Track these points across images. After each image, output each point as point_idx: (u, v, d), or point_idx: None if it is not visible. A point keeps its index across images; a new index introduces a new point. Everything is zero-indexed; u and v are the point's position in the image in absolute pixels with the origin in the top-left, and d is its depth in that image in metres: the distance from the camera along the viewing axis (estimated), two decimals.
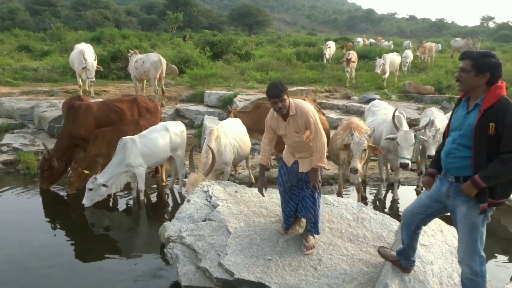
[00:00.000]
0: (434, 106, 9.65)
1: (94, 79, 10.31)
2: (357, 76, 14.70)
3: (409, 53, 16.45)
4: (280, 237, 3.83)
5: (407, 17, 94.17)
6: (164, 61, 10.37)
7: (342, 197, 5.43)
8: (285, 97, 3.45)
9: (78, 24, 36.42)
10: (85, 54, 10.15)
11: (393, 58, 14.07)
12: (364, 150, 4.82)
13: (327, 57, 17.93)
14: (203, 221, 4.04)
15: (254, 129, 6.68)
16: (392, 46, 26.63)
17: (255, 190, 4.62)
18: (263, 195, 3.95)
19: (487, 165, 2.64)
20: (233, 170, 7.24)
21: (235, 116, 6.97)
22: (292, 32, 46.23)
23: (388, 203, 6.33)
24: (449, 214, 3.03)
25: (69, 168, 6.20)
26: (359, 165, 4.77)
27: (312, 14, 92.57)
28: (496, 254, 4.74)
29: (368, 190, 6.81)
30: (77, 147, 6.75)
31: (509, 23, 60.32)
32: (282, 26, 71.45)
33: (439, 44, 25.05)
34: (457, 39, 23.16)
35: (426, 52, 19.11)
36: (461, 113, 2.85)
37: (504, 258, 4.71)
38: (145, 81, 11.01)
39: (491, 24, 70.51)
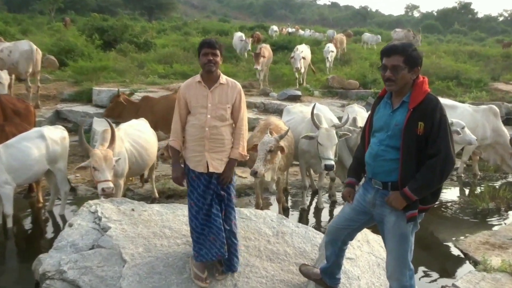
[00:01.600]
0: (358, 102, 10.30)
1: None
2: (275, 69, 15.13)
3: (331, 47, 16.59)
4: (187, 262, 3.76)
5: (330, 4, 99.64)
6: (38, 51, 9.77)
7: (261, 209, 5.53)
8: (219, 53, 3.47)
9: None
10: None
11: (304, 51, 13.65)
12: (270, 151, 4.82)
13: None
14: (90, 249, 3.83)
15: None
16: (317, 35, 27.83)
17: (156, 207, 4.52)
18: (182, 185, 3.72)
19: (415, 168, 2.81)
20: (130, 182, 7.01)
21: (125, 102, 6.83)
22: (201, 18, 46.19)
23: (312, 214, 6.58)
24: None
25: None
26: (261, 168, 4.74)
27: None
28: (423, 263, 5.14)
29: (290, 199, 7.03)
30: None
31: (434, 12, 66.93)
32: (189, 10, 71.17)
33: (379, 36, 26.27)
34: (397, 30, 24.73)
35: (338, 45, 18.84)
36: (384, 112, 2.99)
37: (432, 267, 5.13)
38: (13, 76, 10.20)
39: (416, 14, 77.68)
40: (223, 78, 3.58)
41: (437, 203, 6.77)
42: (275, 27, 28.43)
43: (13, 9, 40.71)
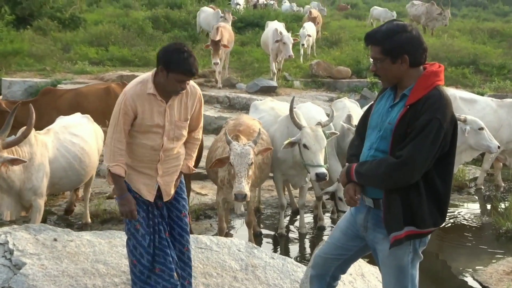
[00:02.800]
0: (350, 95, 10.43)
1: None
2: (243, 53, 15.14)
3: (308, 28, 15.36)
4: None
5: None
6: None
7: (226, 235, 5.54)
8: None
9: None
10: None
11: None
12: (251, 164, 4.89)
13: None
14: None
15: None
16: (296, 8, 27.82)
17: (87, 236, 4.47)
18: (135, 218, 3.55)
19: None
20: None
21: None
22: None
23: (291, 241, 6.62)
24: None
25: None
26: (246, 188, 4.81)
27: None
28: None
29: (263, 222, 7.07)
30: None
31: None
32: None
33: (394, 12, 24.25)
34: (415, 2, 22.65)
35: (319, 23, 17.74)
36: (384, 106, 3.06)
37: None
38: None
39: None
40: None
41: (448, 223, 7.05)
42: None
43: None
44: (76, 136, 5.87)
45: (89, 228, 6.11)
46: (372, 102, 3.29)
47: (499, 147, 6.89)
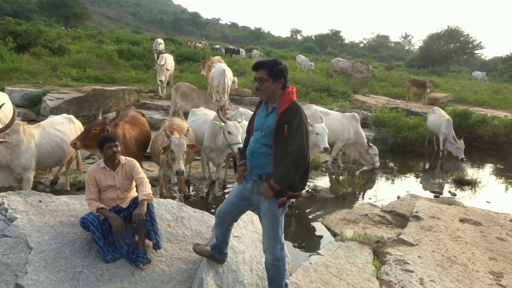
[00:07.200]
0: (250, 107, 10.54)
1: None
2: (181, 77, 14.86)
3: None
4: (93, 246, 3.56)
5: (230, 24, 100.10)
6: None
7: (164, 197, 5.42)
8: (118, 143, 3.67)
9: None
10: None
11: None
12: (185, 150, 4.87)
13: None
14: None
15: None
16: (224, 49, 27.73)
17: (64, 198, 4.21)
18: (123, 228, 3.54)
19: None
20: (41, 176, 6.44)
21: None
22: (115, 29, 43.68)
23: (209, 200, 6.59)
24: None
25: None
26: (183, 166, 4.82)
27: (137, 11, 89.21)
28: (296, 237, 5.45)
29: (191, 189, 6.98)
30: None
31: (312, 36, 70.58)
32: (104, 21, 66.92)
33: (312, 63, 23.10)
34: (340, 59, 21.43)
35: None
36: (261, 115, 3.11)
37: (302, 239, 5.45)
38: None
39: (299, 37, 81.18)
40: (122, 158, 3.74)
41: (308, 189, 7.31)
42: (160, 40, 22.98)
43: None
44: (58, 130, 5.52)
45: (67, 194, 5.76)
46: (254, 112, 3.32)
47: (326, 149, 6.84)
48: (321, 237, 5.40)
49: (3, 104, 5.20)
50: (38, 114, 9.15)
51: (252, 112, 7.46)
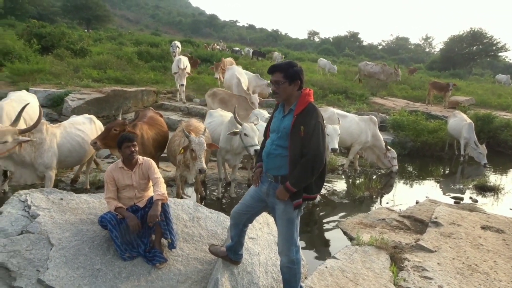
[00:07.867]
0: (267, 109, 10.54)
1: None
2: (198, 78, 15.01)
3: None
4: (111, 244, 3.63)
5: (247, 25, 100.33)
6: None
7: (181, 198, 5.49)
8: (136, 143, 3.74)
9: None
10: None
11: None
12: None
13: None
14: (19, 234, 3.55)
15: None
16: (245, 53, 27.77)
17: (84, 196, 4.30)
18: (140, 228, 3.60)
19: None
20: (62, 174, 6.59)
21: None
22: (135, 31, 44.41)
23: (224, 201, 6.63)
24: None
25: None
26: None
27: (156, 14, 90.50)
28: (311, 240, 5.43)
29: (207, 190, 7.02)
30: None
31: (330, 38, 70.18)
32: (124, 23, 68.09)
33: (335, 67, 22.93)
34: (368, 63, 20.43)
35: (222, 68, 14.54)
36: (278, 117, 3.12)
37: (318, 242, 5.43)
38: None
39: (316, 39, 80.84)
40: (140, 158, 3.82)
41: (324, 192, 7.27)
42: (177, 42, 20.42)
43: None
44: (79, 130, 5.64)
45: (87, 192, 5.89)
46: (271, 114, 3.34)
47: (334, 150, 6.62)
48: (337, 241, 5.36)
49: (27, 104, 5.34)
50: (60, 114, 9.38)
51: (266, 112, 7.64)
